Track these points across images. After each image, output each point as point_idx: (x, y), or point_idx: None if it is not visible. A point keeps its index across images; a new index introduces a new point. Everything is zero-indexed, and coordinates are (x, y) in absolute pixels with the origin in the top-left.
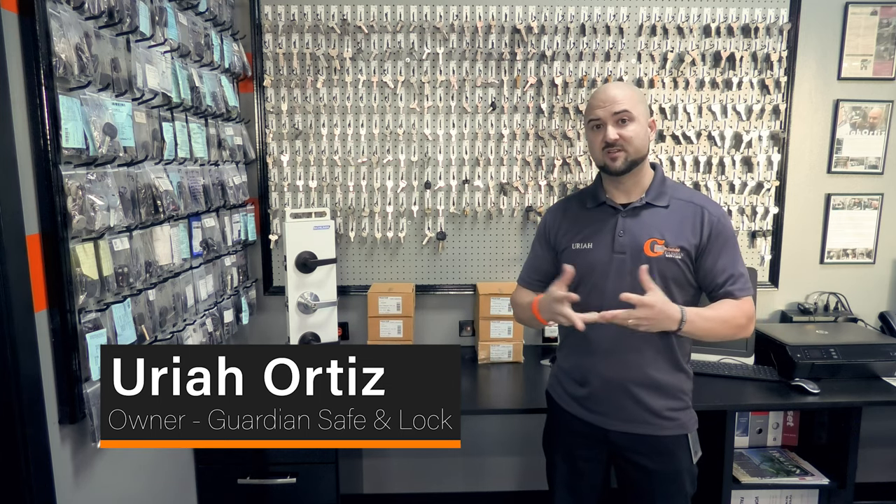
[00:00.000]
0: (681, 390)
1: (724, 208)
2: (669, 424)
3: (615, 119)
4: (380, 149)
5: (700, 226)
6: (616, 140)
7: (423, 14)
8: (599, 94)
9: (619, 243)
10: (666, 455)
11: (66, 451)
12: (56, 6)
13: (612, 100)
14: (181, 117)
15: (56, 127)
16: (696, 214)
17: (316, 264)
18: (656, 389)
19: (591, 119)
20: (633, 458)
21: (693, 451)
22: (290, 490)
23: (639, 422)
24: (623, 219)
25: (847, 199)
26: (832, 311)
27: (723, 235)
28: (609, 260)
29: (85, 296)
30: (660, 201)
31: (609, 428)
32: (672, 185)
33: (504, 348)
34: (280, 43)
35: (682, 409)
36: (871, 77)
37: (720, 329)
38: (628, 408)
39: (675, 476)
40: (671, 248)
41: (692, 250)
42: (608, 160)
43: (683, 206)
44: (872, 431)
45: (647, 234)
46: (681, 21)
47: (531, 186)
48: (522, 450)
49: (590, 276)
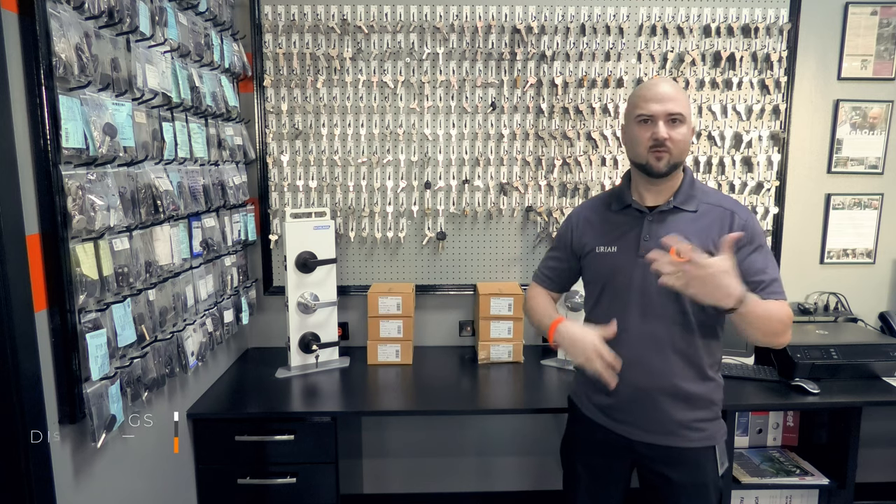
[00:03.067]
0: (710, 400)
1: (753, 212)
2: (696, 436)
3: (668, 118)
4: (380, 149)
5: (729, 230)
6: (666, 139)
7: (423, 14)
8: (653, 88)
9: (645, 248)
10: (692, 467)
11: (66, 451)
12: (56, 6)
13: (668, 98)
14: (181, 117)
15: (56, 127)
16: (725, 219)
17: (316, 264)
18: (683, 400)
19: (641, 114)
20: (657, 469)
21: (720, 463)
22: (290, 490)
23: (665, 433)
24: (649, 223)
25: (847, 199)
26: (832, 311)
27: (754, 240)
28: (633, 265)
29: (85, 296)
30: (688, 205)
31: (634, 438)
32: (701, 188)
33: (504, 348)
34: (280, 43)
35: (710, 419)
36: (871, 77)
37: (768, 325)
38: (654, 418)
39: (701, 489)
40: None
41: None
42: (653, 159)
43: (712, 210)
44: (872, 431)
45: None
46: (681, 21)
47: (531, 186)
48: (522, 450)
49: (613, 280)
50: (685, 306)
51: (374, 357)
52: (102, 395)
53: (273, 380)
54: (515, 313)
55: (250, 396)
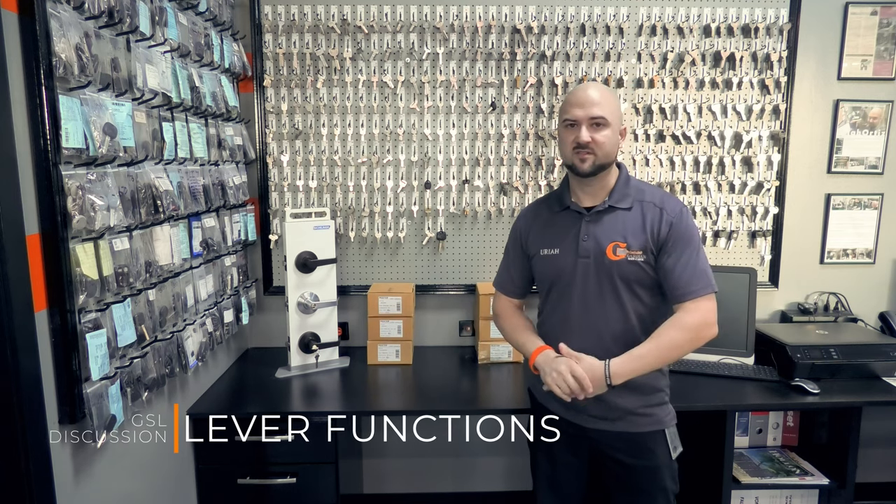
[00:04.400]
0: (653, 387)
1: (685, 205)
2: (645, 421)
3: (591, 122)
4: (380, 149)
5: (658, 226)
6: (588, 143)
7: (423, 14)
8: (578, 93)
9: (584, 248)
10: (644, 451)
11: (66, 451)
12: (56, 6)
13: (591, 102)
14: (181, 117)
15: (56, 127)
16: (656, 215)
17: (316, 264)
18: (628, 388)
19: (567, 118)
20: (612, 455)
21: (672, 447)
22: (290, 490)
23: (614, 419)
24: (587, 223)
25: (847, 199)
26: (832, 311)
27: (681, 235)
28: (574, 265)
29: (85, 296)
30: (622, 203)
31: (587, 426)
32: (636, 185)
33: (504, 348)
34: (280, 43)
35: (657, 405)
36: (871, 77)
37: (661, 359)
38: (603, 406)
39: (654, 471)
40: (633, 252)
41: (654, 250)
42: (577, 160)
43: (645, 207)
44: (872, 431)
45: (609, 238)
46: (681, 21)
47: (531, 186)
48: (522, 450)
49: (557, 281)
50: (624, 302)
51: (374, 357)
52: (102, 395)
53: (273, 380)
54: None
55: (250, 396)
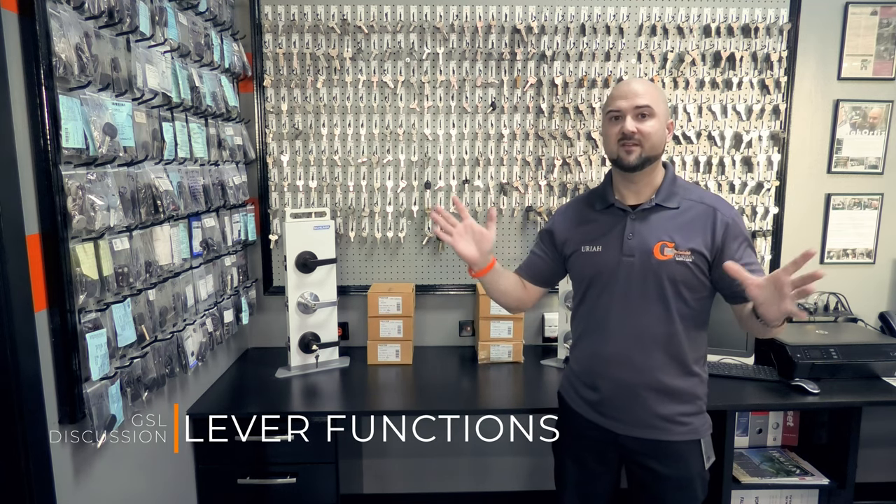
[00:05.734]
0: (693, 395)
1: (736, 208)
2: (681, 429)
3: (636, 112)
4: (380, 149)
5: (713, 227)
6: (633, 133)
7: (423, 14)
8: (623, 86)
9: (628, 246)
10: (678, 460)
11: (66, 451)
12: (56, 6)
13: (635, 93)
14: (181, 117)
15: (56, 127)
16: (708, 216)
17: (316, 264)
18: (666, 395)
19: (611, 110)
20: (644, 463)
21: (706, 457)
22: (290, 490)
23: (650, 427)
24: (632, 221)
25: (847, 199)
26: (832, 311)
27: (740, 234)
28: (618, 263)
29: (85, 296)
30: (670, 202)
31: (620, 433)
32: (683, 185)
33: (504, 348)
34: (280, 43)
35: (694, 413)
36: (871, 77)
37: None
38: (639, 413)
39: (687, 482)
40: (681, 251)
41: (706, 253)
42: (623, 153)
43: (694, 207)
44: (872, 431)
45: (656, 237)
46: (681, 21)
47: (531, 186)
48: (523, 450)
49: (598, 279)
50: (669, 303)
51: (374, 357)
52: (102, 395)
53: (273, 380)
54: (516, 313)
55: (250, 396)
